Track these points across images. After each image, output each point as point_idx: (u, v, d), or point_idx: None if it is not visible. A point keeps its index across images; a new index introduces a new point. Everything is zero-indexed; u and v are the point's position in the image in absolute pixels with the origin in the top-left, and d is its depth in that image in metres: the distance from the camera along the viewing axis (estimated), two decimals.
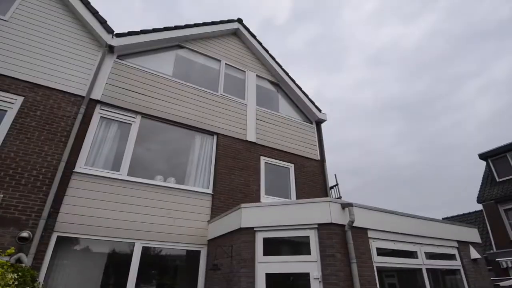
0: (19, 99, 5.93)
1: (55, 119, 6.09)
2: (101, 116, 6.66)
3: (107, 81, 6.92)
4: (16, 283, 3.35)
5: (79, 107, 6.36)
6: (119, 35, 7.25)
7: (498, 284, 8.16)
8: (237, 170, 7.73)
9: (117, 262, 5.83)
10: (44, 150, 5.77)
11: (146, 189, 6.34)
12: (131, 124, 6.91)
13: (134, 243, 5.82)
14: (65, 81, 6.46)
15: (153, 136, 7.25)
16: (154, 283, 6.39)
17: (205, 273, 6.18)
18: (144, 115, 7.14)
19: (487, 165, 16.76)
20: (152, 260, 6.14)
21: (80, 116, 6.22)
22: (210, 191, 7.11)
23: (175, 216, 6.39)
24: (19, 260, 4.81)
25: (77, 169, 5.90)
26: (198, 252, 6.38)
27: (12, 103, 5.83)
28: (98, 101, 6.67)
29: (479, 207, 16.46)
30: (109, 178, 6.09)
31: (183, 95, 7.84)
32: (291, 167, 8.72)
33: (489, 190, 15.87)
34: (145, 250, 5.99)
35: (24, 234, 5.07)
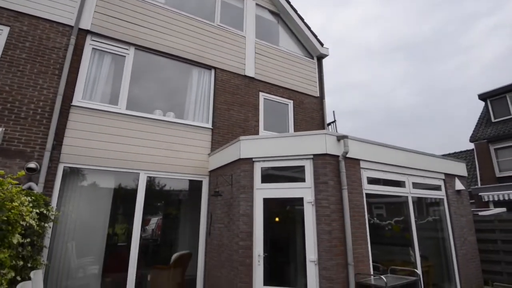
0: (5, 29, 5.67)
1: (46, 51, 5.89)
2: (93, 48, 6.40)
3: (96, 9, 6.49)
4: (30, 205, 3.60)
5: (69, 38, 6.09)
6: None
7: (477, 214, 8.85)
8: (236, 105, 7.74)
9: (124, 193, 6.21)
10: (39, 84, 5.70)
11: (146, 123, 6.43)
12: (125, 56, 6.68)
13: (138, 173, 6.13)
14: (51, 9, 6.08)
15: (149, 71, 7.06)
16: (160, 211, 6.92)
17: (207, 200, 6.65)
18: (138, 47, 6.85)
19: (485, 105, 16.76)
20: (158, 190, 6.54)
21: (71, 48, 6.00)
22: (209, 125, 7.22)
23: (177, 149, 6.61)
24: (30, 189, 5.10)
25: (74, 102, 5.90)
26: (200, 182, 6.78)
27: None
28: (88, 32, 6.34)
29: (471, 147, 16.93)
30: (108, 111, 6.12)
31: (177, 25, 7.41)
32: (290, 103, 8.71)
33: (483, 130, 16.14)
34: (150, 182, 6.34)
35: (32, 165, 5.28)
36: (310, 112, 9.01)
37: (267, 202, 5.13)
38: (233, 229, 5.18)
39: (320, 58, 9.86)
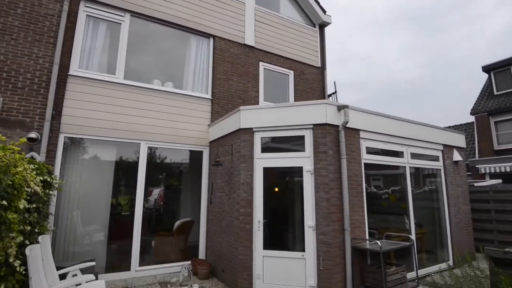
0: None
1: (39, 18, 5.72)
2: (87, 15, 6.19)
3: None
4: (34, 172, 3.65)
5: (62, 3, 5.88)
6: None
7: (473, 184, 9.02)
8: (236, 75, 7.61)
9: (126, 163, 6.27)
10: (34, 52, 5.59)
11: (145, 93, 6.37)
12: (120, 24, 6.47)
13: (139, 143, 6.16)
14: None
15: (146, 40, 6.86)
16: (162, 182, 7.03)
17: (208, 170, 6.75)
18: (134, 14, 6.61)
19: (489, 78, 16.49)
20: (159, 162, 6.61)
21: (64, 14, 5.83)
22: (208, 96, 7.15)
23: (177, 120, 6.59)
24: (32, 158, 5.16)
25: (71, 72, 5.81)
26: (201, 153, 6.84)
27: None
28: None
29: (472, 120, 16.88)
30: (105, 81, 6.04)
31: None
32: (291, 74, 8.56)
33: (485, 103, 16.01)
34: (151, 153, 6.39)
35: (32, 135, 5.30)
36: (311, 83, 8.89)
37: (267, 171, 5.20)
38: (234, 197, 5.30)
39: (322, 26, 9.54)
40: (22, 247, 3.25)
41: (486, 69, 16.49)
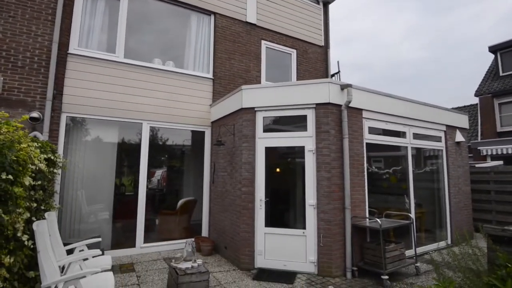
0: None
1: None
2: None
3: None
4: (38, 150, 3.67)
5: None
6: None
7: (474, 165, 9.04)
8: (237, 54, 7.49)
9: (128, 143, 6.29)
10: (32, 30, 5.50)
11: (146, 72, 6.30)
12: (119, 0, 6.31)
13: (141, 123, 6.16)
14: None
15: (146, 18, 6.70)
16: (164, 163, 7.09)
17: (210, 150, 6.78)
18: None
19: (495, 58, 16.15)
20: (161, 142, 6.64)
21: None
22: (210, 75, 7.07)
23: (178, 100, 6.55)
24: (35, 137, 5.19)
25: (71, 50, 5.73)
26: (203, 133, 6.85)
27: None
28: None
29: (476, 101, 16.68)
30: (106, 60, 5.96)
31: None
32: (293, 53, 8.41)
33: (490, 84, 15.77)
34: (153, 134, 6.39)
35: (34, 114, 5.30)
36: (314, 63, 8.74)
37: (269, 151, 5.22)
38: (236, 177, 5.36)
39: (326, 3, 9.26)
40: (29, 223, 3.32)
41: (493, 49, 16.11)
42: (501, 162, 10.23)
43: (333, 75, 9.01)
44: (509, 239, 3.12)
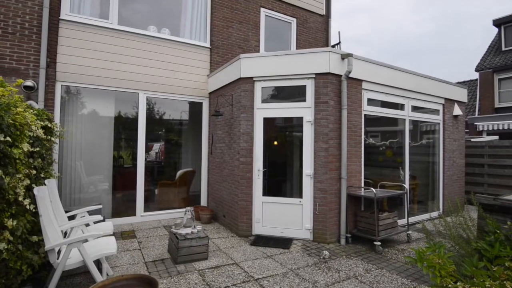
0: None
1: None
2: None
3: None
4: (35, 118, 3.63)
5: None
6: None
7: (470, 140, 9.13)
8: (235, 23, 7.25)
9: (125, 115, 6.21)
10: None
11: (141, 40, 6.11)
12: None
13: (137, 93, 6.07)
14: None
15: None
16: (162, 135, 7.06)
17: (208, 121, 6.76)
18: None
19: (498, 32, 15.81)
20: (158, 114, 6.57)
21: None
22: (207, 45, 6.88)
23: (175, 69, 6.42)
24: (30, 106, 5.11)
25: (63, 16, 5.50)
26: (201, 104, 6.78)
27: None
28: None
29: (476, 77, 16.53)
30: (99, 26, 5.75)
31: None
32: (293, 21, 8.15)
33: (491, 59, 15.55)
34: (150, 106, 6.31)
35: (28, 83, 5.19)
36: (314, 33, 8.51)
37: (267, 122, 5.21)
38: (234, 147, 5.38)
39: None
40: (30, 190, 3.35)
41: (497, 23, 15.73)
42: (496, 137, 10.33)
43: (333, 46, 8.81)
44: (500, 207, 3.23)
